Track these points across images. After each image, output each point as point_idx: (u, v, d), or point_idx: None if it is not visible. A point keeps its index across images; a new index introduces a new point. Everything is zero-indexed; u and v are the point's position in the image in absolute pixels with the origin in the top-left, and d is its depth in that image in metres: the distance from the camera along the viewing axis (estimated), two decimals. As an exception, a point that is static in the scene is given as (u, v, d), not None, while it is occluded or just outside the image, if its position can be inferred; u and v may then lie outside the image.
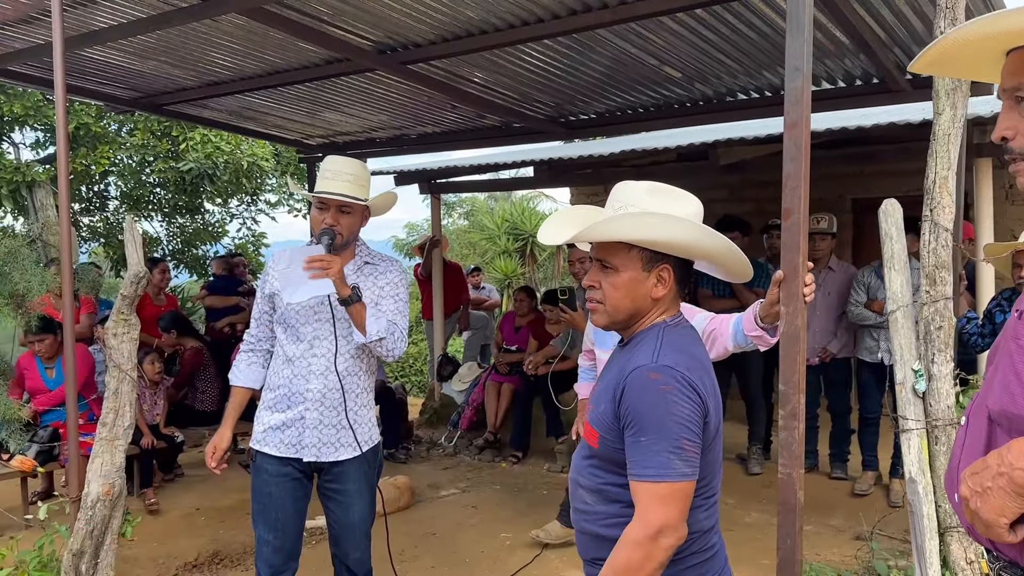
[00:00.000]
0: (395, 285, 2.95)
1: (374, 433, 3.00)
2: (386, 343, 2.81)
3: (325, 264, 2.64)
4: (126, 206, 10.46)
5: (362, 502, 2.95)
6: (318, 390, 2.82)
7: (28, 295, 3.13)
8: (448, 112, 6.33)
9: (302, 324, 2.84)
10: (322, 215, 2.81)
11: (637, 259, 1.70)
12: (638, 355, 1.65)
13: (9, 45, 4.67)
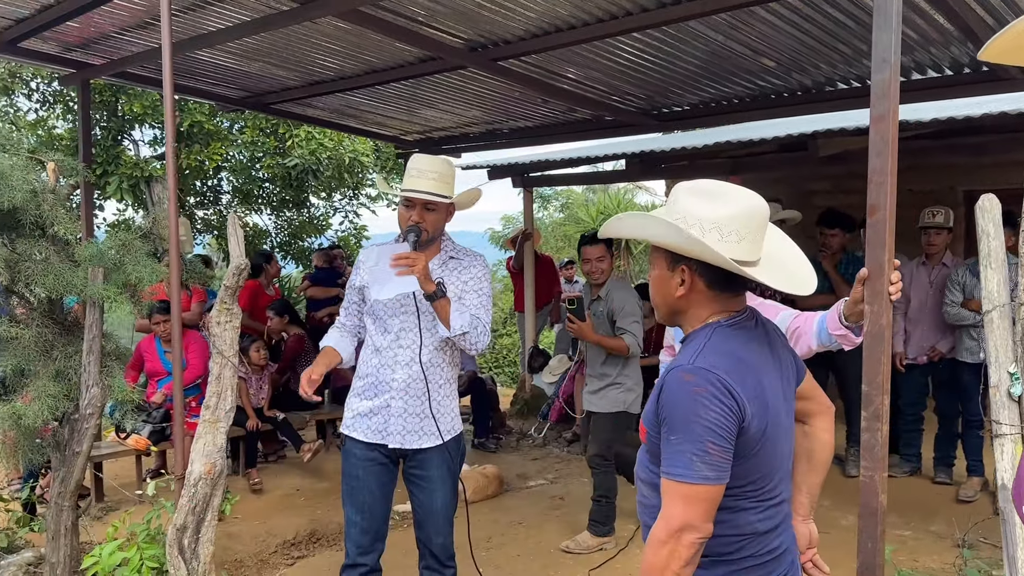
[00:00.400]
0: (479, 280, 3.02)
1: (456, 423, 3.08)
2: (469, 337, 2.89)
3: (410, 261, 2.72)
4: (237, 200, 10.97)
5: (444, 489, 3.03)
6: (403, 380, 2.93)
7: (140, 285, 3.35)
8: (539, 107, 6.37)
9: (389, 317, 2.96)
10: (408, 212, 2.91)
11: (663, 258, 1.72)
12: (682, 355, 1.66)
13: (127, 49, 4.99)
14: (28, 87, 8.85)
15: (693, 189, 1.70)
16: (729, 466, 1.57)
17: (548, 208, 24.79)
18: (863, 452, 2.21)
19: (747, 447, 1.60)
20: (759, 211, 1.68)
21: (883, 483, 2.17)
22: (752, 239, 1.66)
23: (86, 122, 5.53)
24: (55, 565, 3.40)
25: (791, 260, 1.80)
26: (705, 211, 1.64)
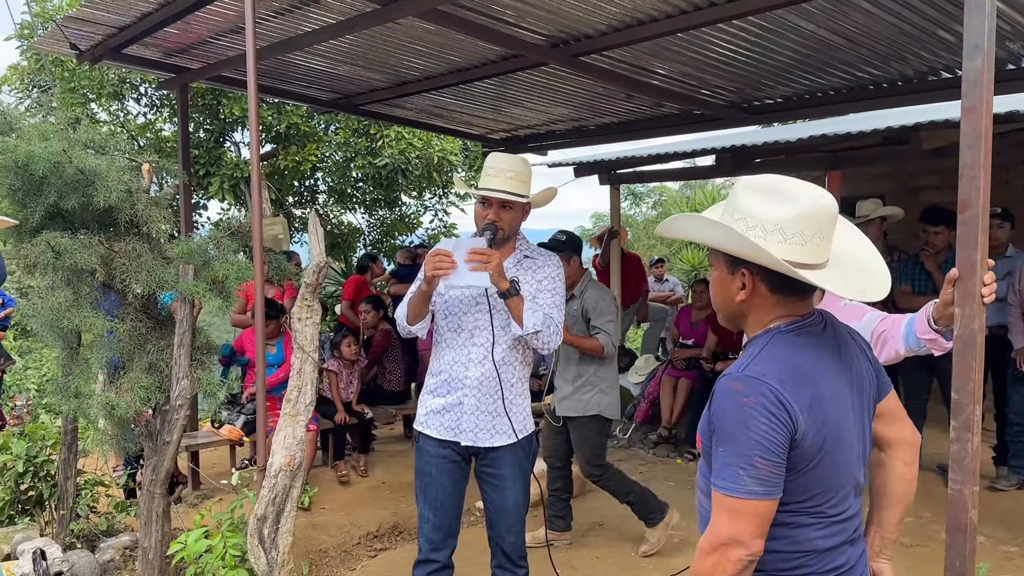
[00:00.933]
0: (552, 279, 3.00)
1: (529, 422, 3.06)
2: (542, 336, 2.87)
3: (486, 258, 2.73)
4: (333, 200, 11.29)
5: (516, 487, 3.02)
6: (475, 378, 2.93)
7: (227, 282, 3.47)
8: (625, 102, 6.27)
9: (463, 314, 2.96)
10: (485, 211, 2.92)
11: (722, 260, 1.65)
12: (737, 362, 1.58)
13: (222, 53, 5.19)
14: (137, 92, 9.33)
15: (755, 186, 1.60)
16: (781, 480, 1.48)
17: (640, 205, 24.48)
18: (952, 464, 2.05)
19: (802, 461, 1.51)
20: (826, 209, 1.56)
21: (973, 498, 2.02)
22: (819, 240, 1.55)
23: (185, 124, 5.78)
24: (147, 550, 3.57)
25: (864, 261, 1.67)
26: (768, 211, 1.55)
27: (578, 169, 8.31)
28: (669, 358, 7.40)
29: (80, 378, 3.45)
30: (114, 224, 3.46)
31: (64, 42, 4.96)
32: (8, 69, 9.04)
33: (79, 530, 4.11)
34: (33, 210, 3.29)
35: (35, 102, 8.82)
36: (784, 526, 1.53)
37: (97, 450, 3.87)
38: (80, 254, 3.16)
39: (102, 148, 3.53)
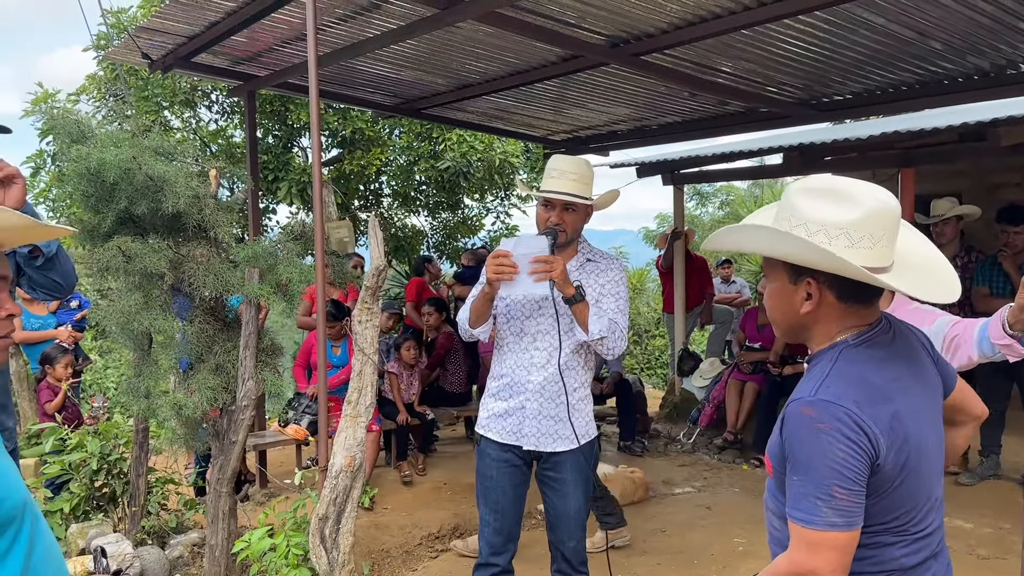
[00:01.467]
0: (616, 283, 2.96)
1: (591, 427, 3.03)
2: (607, 342, 2.83)
3: (549, 266, 2.69)
4: (397, 203, 11.42)
5: (578, 492, 2.99)
6: (538, 382, 2.90)
7: (291, 285, 3.53)
8: (688, 101, 6.17)
9: (526, 318, 2.93)
10: (547, 213, 2.88)
11: (782, 270, 1.55)
12: (805, 383, 1.49)
13: (288, 60, 5.29)
14: (209, 99, 9.60)
15: (813, 189, 1.51)
16: (861, 509, 1.41)
17: (707, 205, 24.12)
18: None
19: (884, 484, 1.43)
20: (892, 209, 1.47)
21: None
22: (885, 243, 1.46)
23: (252, 131, 5.91)
24: (214, 547, 3.65)
25: (929, 262, 1.58)
26: (830, 215, 1.46)
27: (641, 170, 8.22)
28: (735, 361, 7.25)
29: (150, 379, 3.55)
30: (182, 229, 3.55)
31: (137, 52, 5.13)
32: (86, 79, 9.41)
33: (150, 526, 4.23)
34: (105, 215, 3.40)
35: (111, 111, 9.15)
36: (866, 547, 1.46)
37: (168, 449, 3.98)
38: (150, 258, 3.26)
39: (171, 155, 3.63)
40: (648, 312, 14.89)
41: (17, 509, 1.42)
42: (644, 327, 14.42)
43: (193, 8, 4.38)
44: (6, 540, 1.40)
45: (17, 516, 1.42)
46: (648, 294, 16.60)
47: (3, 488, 1.39)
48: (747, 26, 4.15)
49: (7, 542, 1.40)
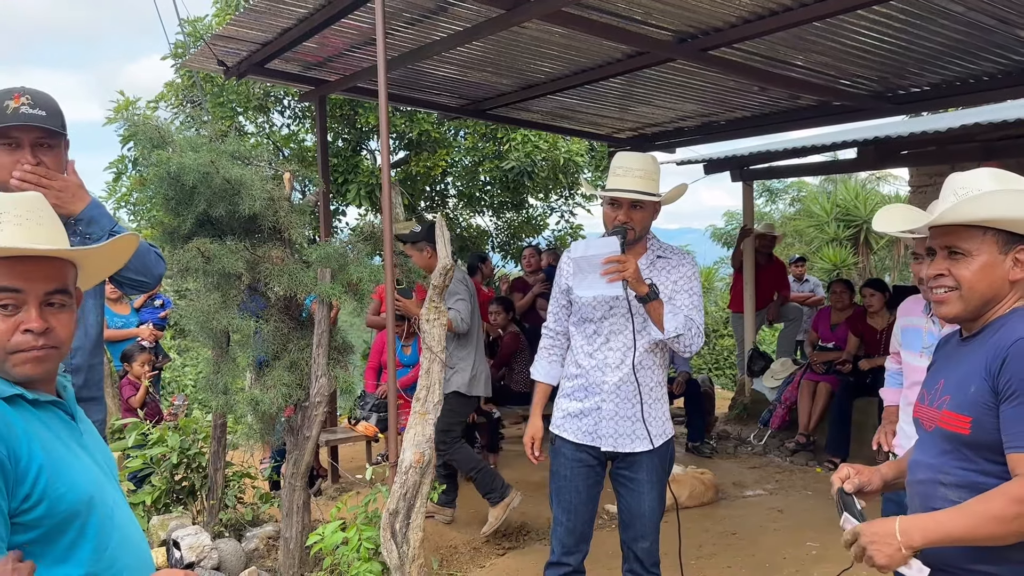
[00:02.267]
0: (689, 278, 2.91)
1: (668, 427, 3.00)
2: (684, 339, 2.80)
3: (621, 266, 2.66)
4: (462, 203, 11.52)
5: (652, 493, 2.96)
6: (613, 383, 2.88)
7: (361, 284, 3.60)
8: (757, 95, 6.06)
9: (600, 318, 2.91)
10: (614, 212, 2.86)
11: (992, 242, 1.64)
12: (1010, 332, 1.59)
13: (357, 65, 5.39)
14: (281, 104, 9.85)
15: (995, 175, 1.66)
16: None
17: (777, 202, 23.60)
18: None
19: None
20: None
21: None
22: None
23: (323, 134, 6.04)
24: (288, 540, 3.75)
25: None
26: None
27: (709, 166, 8.10)
28: (807, 362, 7.08)
29: (228, 375, 3.67)
30: (258, 230, 3.66)
31: (212, 59, 5.30)
32: (164, 86, 9.76)
33: (227, 519, 4.37)
34: (185, 218, 3.52)
35: (188, 116, 9.47)
36: None
37: (244, 443, 4.10)
38: (227, 259, 3.36)
39: (247, 159, 3.74)
40: (716, 311, 14.66)
41: (80, 504, 1.47)
42: (712, 327, 14.21)
43: (266, 15, 4.51)
44: (71, 533, 1.46)
45: (81, 511, 1.47)
46: (716, 293, 16.35)
47: (64, 483, 1.45)
48: (819, 18, 4.06)
49: (72, 535, 1.46)
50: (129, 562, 1.55)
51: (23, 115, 2.30)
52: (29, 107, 2.31)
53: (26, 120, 2.30)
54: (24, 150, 2.32)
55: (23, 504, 1.40)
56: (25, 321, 1.47)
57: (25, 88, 2.35)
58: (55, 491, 1.43)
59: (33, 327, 1.47)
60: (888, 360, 3.23)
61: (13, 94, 2.31)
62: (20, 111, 2.29)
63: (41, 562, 1.43)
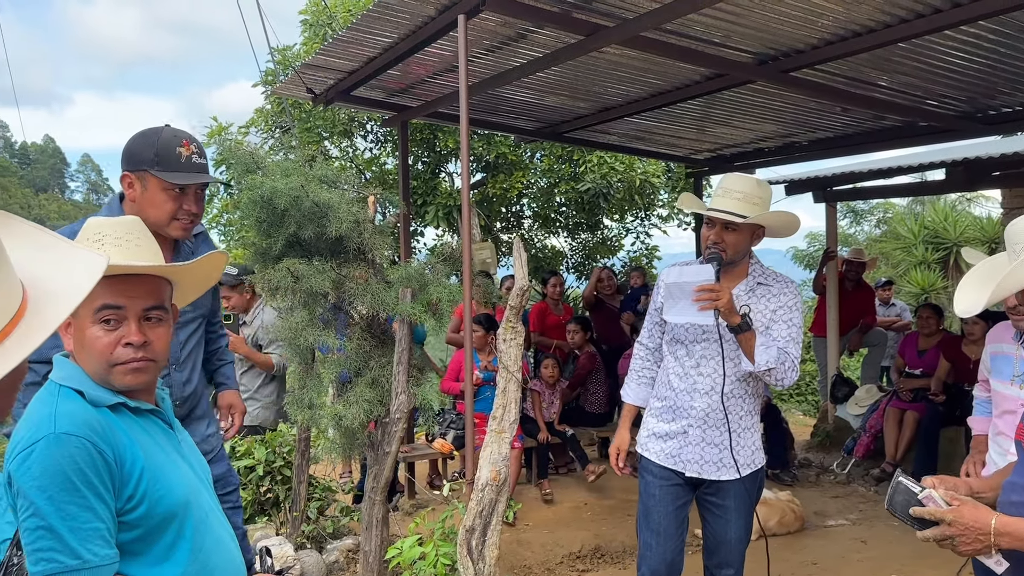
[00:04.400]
0: (789, 309, 2.83)
1: (758, 457, 2.95)
2: (775, 373, 2.72)
3: (714, 295, 2.62)
4: (537, 224, 11.61)
5: (739, 520, 2.91)
6: (702, 409, 2.85)
7: (441, 303, 3.69)
8: (840, 116, 5.96)
9: (691, 342, 2.88)
10: (708, 231, 2.83)
11: None
12: None
13: (438, 91, 5.54)
14: (364, 129, 10.17)
15: None
16: None
17: (861, 223, 22.90)
18: None
19: None
20: None
21: None
22: None
23: (405, 158, 6.21)
24: (367, 553, 3.84)
25: None
26: None
27: (790, 187, 7.95)
28: (893, 389, 6.85)
29: (313, 391, 3.80)
30: (344, 251, 3.79)
31: (302, 87, 5.53)
32: (255, 112, 10.20)
33: (309, 531, 4.50)
34: (275, 239, 3.68)
35: (277, 142, 9.86)
36: None
37: (326, 457, 4.23)
38: (315, 278, 3.50)
39: (334, 182, 3.89)
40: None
41: (178, 506, 1.59)
42: (795, 351, 13.86)
43: (353, 45, 4.69)
44: (171, 534, 1.58)
45: (178, 513, 1.59)
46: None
47: (163, 486, 1.57)
48: (905, 39, 3.99)
49: (172, 536, 1.58)
50: (223, 564, 1.65)
51: (196, 166, 2.48)
52: (197, 155, 2.49)
53: (199, 171, 2.49)
54: (188, 197, 2.51)
55: (127, 504, 1.51)
56: (126, 335, 1.58)
57: (187, 133, 2.53)
58: (155, 493, 1.54)
59: (133, 340, 1.58)
60: (976, 388, 3.12)
61: (182, 140, 2.48)
62: (193, 160, 2.47)
63: (144, 560, 1.55)
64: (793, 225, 2.87)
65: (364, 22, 4.32)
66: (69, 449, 1.45)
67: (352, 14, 8.62)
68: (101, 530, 1.45)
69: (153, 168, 2.44)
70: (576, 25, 4.08)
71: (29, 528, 1.42)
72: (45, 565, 1.41)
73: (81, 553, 1.42)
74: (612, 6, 3.90)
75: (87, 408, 1.53)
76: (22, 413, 1.56)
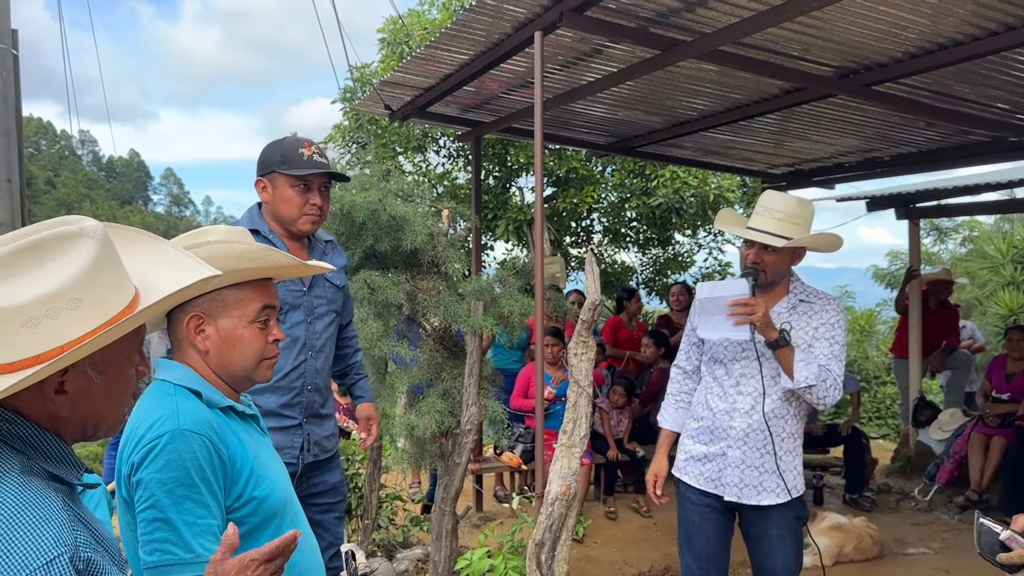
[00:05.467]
0: (831, 326, 2.77)
1: (800, 482, 2.87)
2: (816, 391, 2.66)
3: (749, 310, 2.60)
4: (607, 239, 11.56)
5: (785, 549, 2.83)
6: (741, 429, 2.79)
7: (512, 317, 3.71)
8: (924, 131, 5.78)
9: (730, 360, 2.84)
10: (747, 250, 2.81)
11: None
12: None
13: (512, 107, 5.59)
14: (437, 144, 10.32)
15: None
16: None
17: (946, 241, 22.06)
18: None
19: None
20: None
21: None
22: None
23: (478, 173, 6.28)
24: (437, 563, 3.88)
25: None
26: None
27: (871, 203, 7.74)
28: (979, 413, 6.57)
29: (386, 401, 3.87)
30: (418, 264, 3.86)
31: (379, 103, 5.66)
32: (333, 128, 10.46)
33: (379, 539, 4.57)
34: (354, 252, 3.77)
35: (354, 157, 10.10)
36: None
37: (397, 467, 4.29)
38: (391, 290, 3.57)
39: (409, 196, 3.97)
40: (877, 356, 13.85)
41: (279, 505, 1.66)
42: (873, 372, 13.42)
43: (430, 62, 4.78)
44: (270, 532, 1.64)
45: (279, 511, 1.66)
46: (878, 337, 15.43)
47: (267, 486, 1.63)
48: (993, 52, 3.85)
49: (270, 534, 1.64)
50: (310, 563, 1.71)
51: (317, 163, 2.73)
52: (318, 155, 2.75)
53: (321, 168, 2.73)
54: (313, 192, 2.76)
55: (235, 503, 1.58)
56: (275, 334, 1.73)
57: (308, 139, 2.81)
58: (261, 492, 1.61)
59: (281, 338, 1.74)
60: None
61: (304, 142, 2.76)
62: (314, 159, 2.73)
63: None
64: (836, 244, 2.84)
65: (442, 40, 4.40)
66: (191, 445, 1.52)
67: (429, 32, 8.78)
68: (213, 527, 1.52)
69: (281, 168, 2.72)
70: (653, 40, 4.07)
71: (147, 519, 1.50)
72: (160, 556, 1.48)
73: (194, 547, 1.49)
74: (690, 20, 3.88)
75: (204, 408, 1.61)
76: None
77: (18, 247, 1.09)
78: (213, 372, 1.67)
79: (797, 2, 3.40)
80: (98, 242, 1.13)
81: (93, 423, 1.22)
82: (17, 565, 1.00)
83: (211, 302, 1.64)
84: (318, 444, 2.87)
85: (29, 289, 1.07)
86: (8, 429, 1.13)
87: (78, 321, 1.08)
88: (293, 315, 2.80)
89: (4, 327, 1.06)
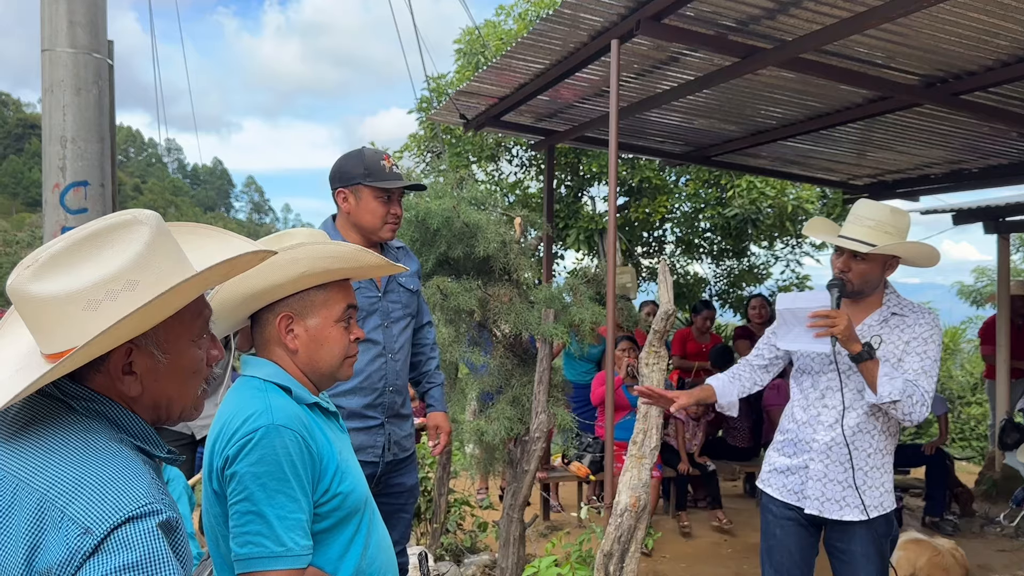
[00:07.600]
0: (923, 341, 2.68)
1: (887, 500, 2.77)
2: (901, 406, 2.57)
3: (830, 321, 2.55)
4: (680, 250, 11.41)
5: (869, 568, 2.74)
6: (823, 442, 2.75)
7: (583, 326, 3.71)
8: (1016, 141, 5.54)
9: (818, 372, 2.80)
10: (836, 258, 2.77)
11: None
12: None
13: (586, 116, 5.59)
14: (510, 153, 10.38)
15: None
16: None
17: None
18: None
19: None
20: None
21: None
22: None
23: (550, 182, 6.30)
24: (504, 570, 3.89)
25: None
26: None
27: (958, 216, 7.45)
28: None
29: (456, 406, 3.91)
30: (490, 271, 3.89)
31: (454, 113, 5.73)
32: (408, 138, 10.64)
33: (447, 543, 4.60)
34: (427, 258, 3.83)
35: (428, 165, 10.24)
36: None
37: (465, 472, 4.32)
38: (463, 297, 3.61)
39: (482, 204, 4.01)
40: (962, 376, 13.29)
41: (360, 502, 1.69)
42: (957, 392, 12.89)
43: (506, 72, 4.82)
44: (351, 527, 1.68)
45: (360, 508, 1.69)
46: (963, 356, 14.82)
47: (350, 482, 1.67)
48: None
49: (352, 529, 1.68)
50: (386, 561, 1.74)
51: (396, 175, 2.87)
52: (395, 168, 2.89)
53: (402, 181, 2.87)
54: (394, 203, 2.89)
55: (322, 497, 1.63)
56: (356, 332, 1.79)
57: (383, 150, 2.95)
58: (346, 487, 1.66)
59: (361, 336, 1.80)
60: None
61: (382, 155, 2.89)
62: (394, 171, 2.87)
63: (330, 550, 1.66)
64: (932, 257, 2.73)
65: (518, 49, 4.44)
66: (284, 440, 1.57)
67: (504, 42, 8.85)
68: (302, 521, 1.57)
69: (365, 180, 2.82)
70: (732, 48, 4.02)
71: (240, 512, 1.55)
72: (252, 548, 1.53)
73: (285, 540, 1.53)
74: (770, 28, 3.82)
75: (294, 404, 1.67)
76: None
77: (78, 238, 1.15)
78: (300, 370, 1.72)
79: (882, 9, 3.32)
80: (152, 228, 1.18)
81: (165, 403, 1.26)
82: (111, 508, 1.05)
83: (300, 303, 1.70)
84: (398, 443, 2.97)
85: (89, 274, 1.13)
86: (93, 407, 1.19)
87: (136, 303, 1.13)
88: (371, 320, 2.88)
89: (69, 311, 1.12)
